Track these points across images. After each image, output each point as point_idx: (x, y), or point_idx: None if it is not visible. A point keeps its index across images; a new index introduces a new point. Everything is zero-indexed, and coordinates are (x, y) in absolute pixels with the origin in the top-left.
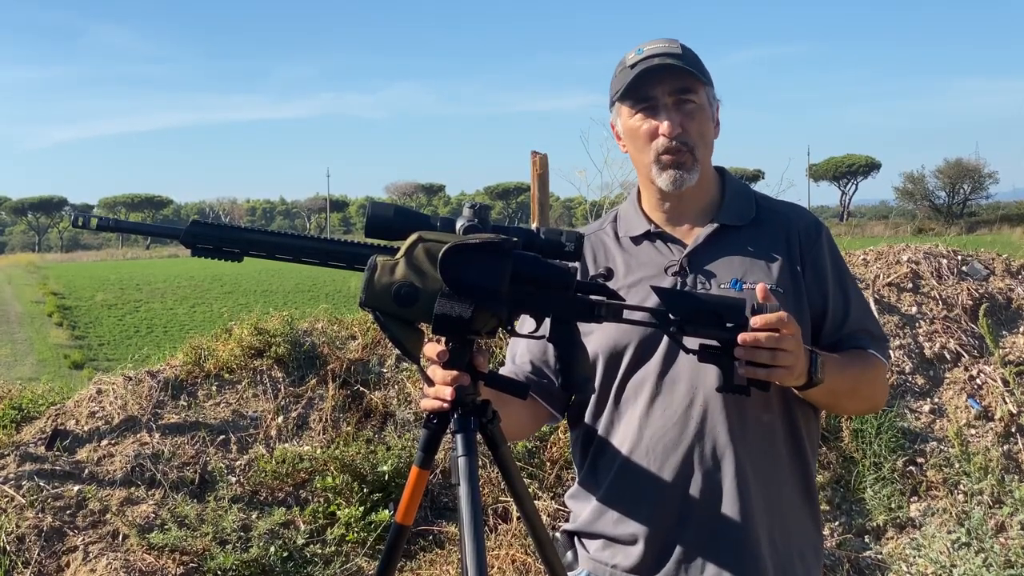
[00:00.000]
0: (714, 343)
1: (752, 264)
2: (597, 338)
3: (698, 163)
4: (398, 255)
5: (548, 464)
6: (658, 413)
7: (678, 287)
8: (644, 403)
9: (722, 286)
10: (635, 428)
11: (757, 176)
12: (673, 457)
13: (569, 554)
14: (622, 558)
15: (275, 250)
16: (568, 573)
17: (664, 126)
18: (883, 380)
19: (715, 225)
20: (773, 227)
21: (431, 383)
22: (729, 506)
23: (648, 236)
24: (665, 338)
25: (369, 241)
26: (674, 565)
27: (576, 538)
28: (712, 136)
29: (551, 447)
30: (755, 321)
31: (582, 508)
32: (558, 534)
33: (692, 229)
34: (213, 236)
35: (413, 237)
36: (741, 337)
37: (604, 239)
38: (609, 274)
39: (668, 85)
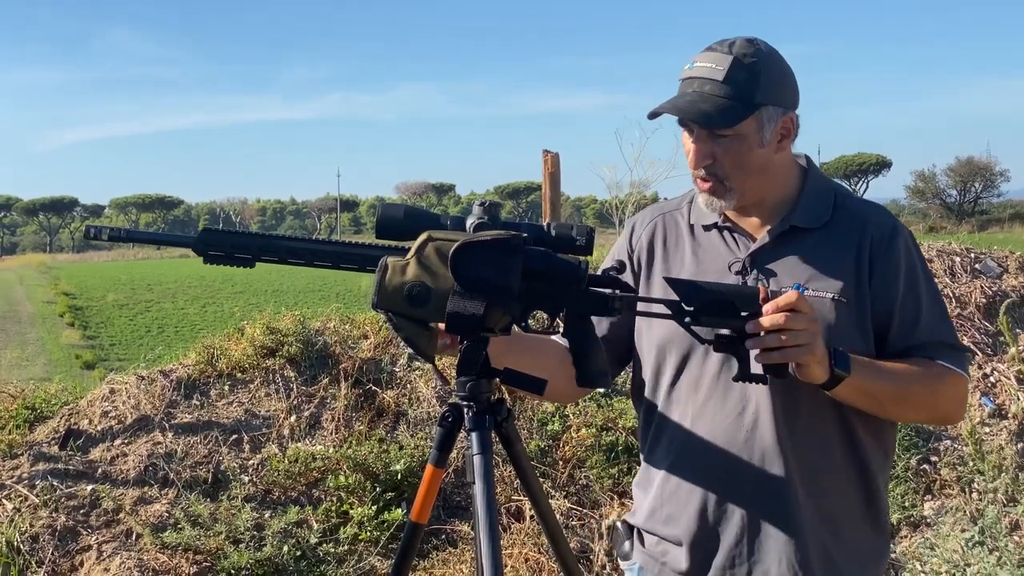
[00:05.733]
0: (729, 332)
1: (817, 271)
2: (655, 332)
3: (732, 191)
4: (409, 255)
5: (561, 463)
6: (709, 416)
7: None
8: (697, 404)
9: (783, 290)
10: (687, 428)
11: None
12: (721, 463)
13: (627, 544)
14: (671, 558)
15: (287, 255)
16: (622, 563)
17: (689, 158)
18: (953, 392)
19: (785, 226)
20: (846, 231)
21: (446, 381)
22: (776, 516)
23: (718, 227)
24: None
25: (380, 242)
26: (718, 571)
27: (635, 530)
28: (760, 161)
29: (564, 446)
30: (767, 309)
31: (640, 502)
32: (619, 524)
33: (763, 225)
34: (225, 243)
35: (423, 236)
36: (750, 325)
37: (678, 220)
38: (621, 267)
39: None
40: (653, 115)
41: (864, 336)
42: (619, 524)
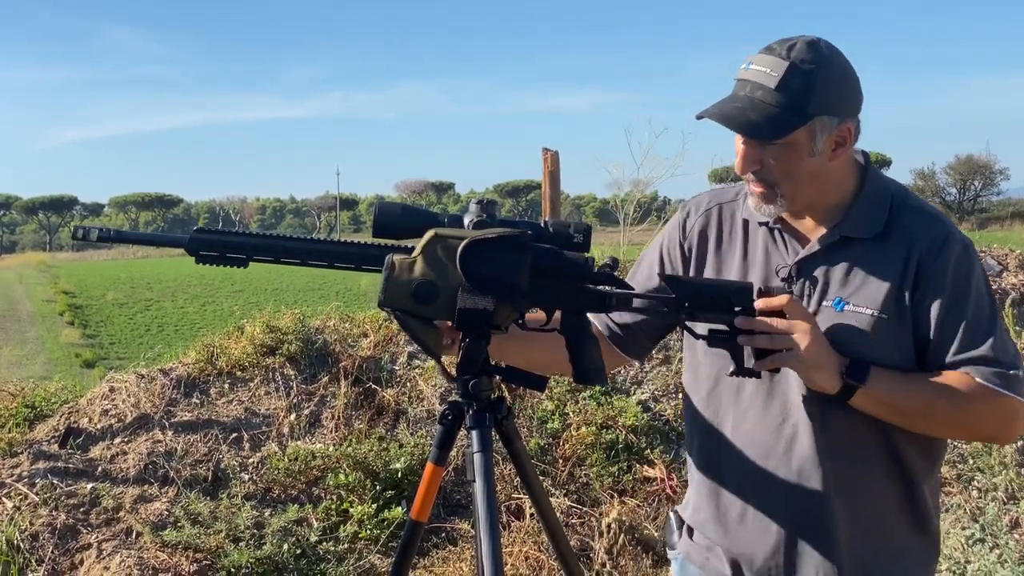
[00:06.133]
0: (724, 328)
1: (862, 284)
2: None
3: (783, 198)
4: (415, 253)
5: (561, 461)
6: (749, 424)
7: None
8: (740, 411)
9: (825, 304)
10: (727, 435)
11: None
12: (761, 471)
13: (676, 535)
14: (713, 557)
15: (281, 254)
16: (670, 552)
17: (737, 161)
18: (992, 411)
19: (835, 236)
20: (897, 243)
21: (451, 379)
22: (814, 528)
23: (770, 227)
24: None
25: (377, 241)
26: None
27: (684, 523)
28: (811, 170)
29: (564, 444)
30: (758, 304)
31: (688, 497)
32: (671, 514)
33: (816, 227)
34: (217, 243)
35: (430, 234)
36: (738, 321)
37: (735, 212)
38: (614, 264)
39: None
40: (700, 117)
41: (903, 352)
42: (672, 515)
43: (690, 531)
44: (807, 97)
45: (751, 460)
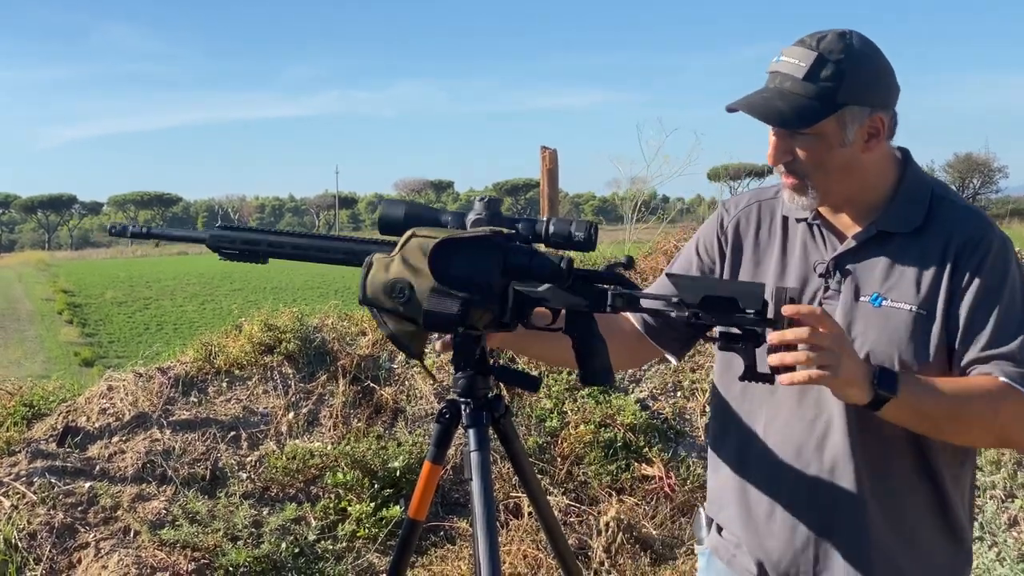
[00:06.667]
0: (735, 330)
1: (899, 279)
2: None
3: (815, 190)
4: (394, 252)
5: (559, 459)
6: (783, 421)
7: (823, 290)
8: (774, 408)
9: (862, 298)
10: (759, 432)
11: (764, 172)
12: (792, 467)
13: (704, 531)
14: (738, 559)
15: (293, 251)
16: (698, 547)
17: (769, 152)
18: (1016, 413)
19: (872, 231)
20: (935, 239)
21: (433, 378)
22: (844, 525)
23: (809, 222)
24: None
25: (387, 238)
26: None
27: (713, 520)
28: (842, 161)
29: (562, 442)
30: (787, 311)
31: (713, 494)
32: (702, 509)
33: (855, 223)
34: (237, 240)
35: (408, 233)
36: (770, 338)
37: (774, 210)
38: (629, 263)
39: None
40: (731, 109)
41: (938, 350)
42: (702, 510)
43: (719, 528)
44: (836, 87)
45: (783, 456)
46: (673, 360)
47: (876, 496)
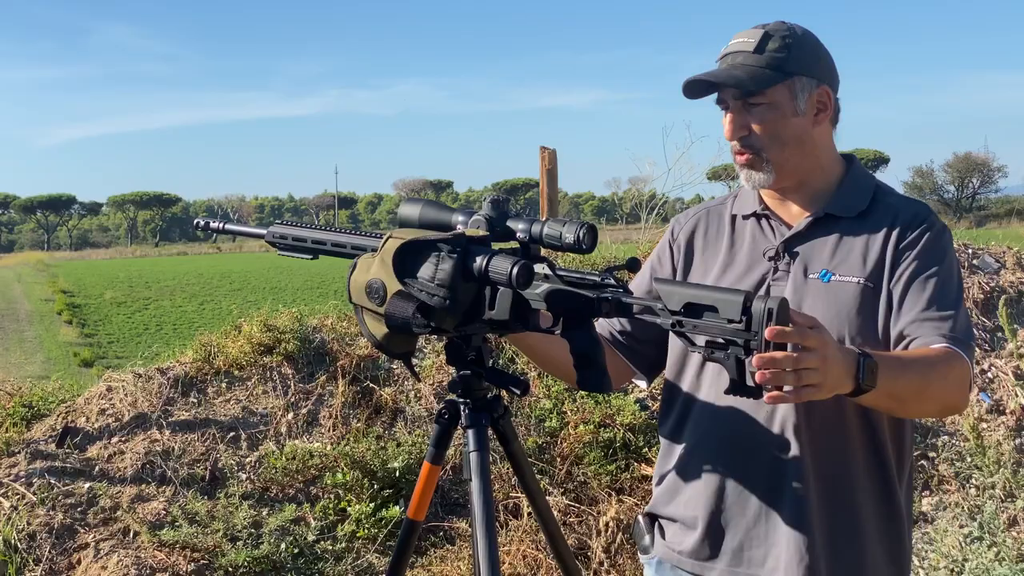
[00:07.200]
0: (720, 340)
1: (846, 255)
2: None
3: (770, 164)
4: (377, 252)
5: (559, 460)
6: (732, 401)
7: (772, 272)
8: (720, 390)
9: (811, 276)
10: (709, 414)
11: None
12: (742, 447)
13: (647, 538)
14: (686, 542)
15: (338, 248)
16: (642, 557)
17: (725, 129)
18: (959, 379)
19: (820, 213)
20: (880, 220)
21: (417, 377)
22: (789, 500)
23: (756, 216)
24: None
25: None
26: (732, 554)
27: (656, 523)
28: (796, 131)
29: (561, 443)
30: (769, 334)
31: (659, 487)
32: (640, 518)
33: (801, 213)
34: (288, 236)
35: (387, 234)
36: (755, 360)
37: (722, 214)
38: (633, 266)
39: (731, 88)
40: (688, 84)
41: (884, 323)
42: (640, 518)
43: (662, 530)
44: (785, 57)
45: (736, 434)
46: (642, 383)
47: (820, 473)
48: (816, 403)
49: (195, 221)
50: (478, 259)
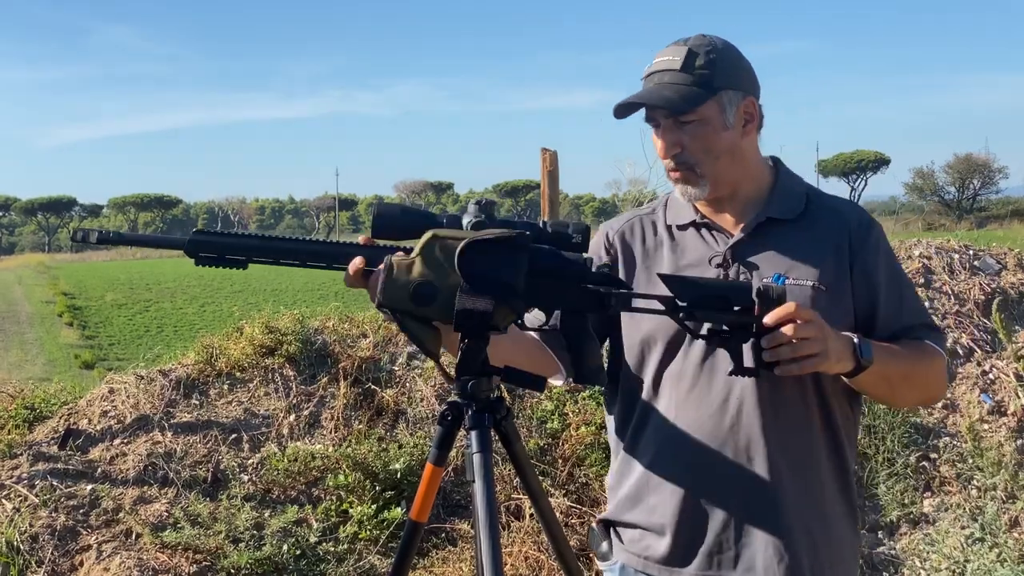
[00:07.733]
0: (723, 327)
1: (797, 260)
2: (633, 327)
3: (704, 178)
4: (413, 254)
5: (561, 461)
6: (694, 404)
7: (723, 279)
8: (681, 394)
9: (764, 280)
10: (671, 418)
11: None
12: (707, 449)
13: (604, 544)
14: (654, 548)
15: (280, 255)
16: (602, 563)
17: (657, 147)
18: (940, 370)
19: (762, 218)
20: (824, 223)
21: (450, 379)
22: (761, 500)
23: (695, 225)
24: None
25: (379, 242)
26: (704, 558)
27: (612, 529)
28: (727, 144)
29: (563, 444)
30: (767, 319)
31: (617, 495)
32: (594, 526)
33: (738, 222)
34: (216, 244)
35: (428, 235)
36: (764, 340)
37: (655, 222)
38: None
39: (662, 109)
40: (620, 107)
41: (845, 320)
42: (595, 525)
43: (619, 534)
44: (711, 73)
45: (699, 439)
46: (558, 381)
47: (791, 471)
48: (781, 402)
49: (71, 232)
50: (548, 257)
